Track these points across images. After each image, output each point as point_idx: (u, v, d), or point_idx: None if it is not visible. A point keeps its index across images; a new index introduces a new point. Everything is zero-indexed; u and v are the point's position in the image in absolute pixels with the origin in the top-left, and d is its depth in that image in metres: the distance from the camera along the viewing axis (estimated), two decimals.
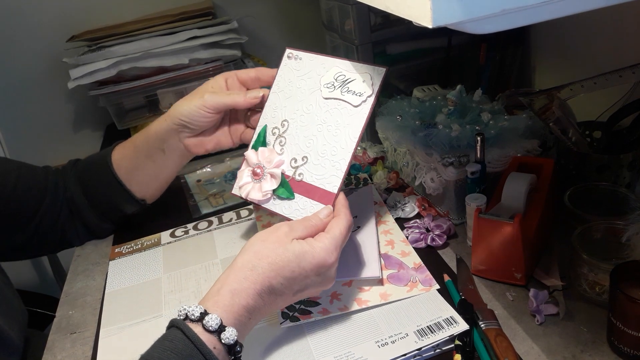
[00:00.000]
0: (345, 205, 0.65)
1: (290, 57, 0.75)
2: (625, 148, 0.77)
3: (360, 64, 0.68)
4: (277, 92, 0.75)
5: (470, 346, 0.59)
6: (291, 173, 0.70)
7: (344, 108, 0.68)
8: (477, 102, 0.89)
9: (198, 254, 0.83)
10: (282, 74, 0.75)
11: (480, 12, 0.37)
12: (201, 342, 0.51)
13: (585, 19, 0.91)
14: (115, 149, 0.85)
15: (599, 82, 0.78)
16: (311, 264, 0.58)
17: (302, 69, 0.73)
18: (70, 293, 0.81)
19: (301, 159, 0.70)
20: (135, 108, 1.26)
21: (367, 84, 0.67)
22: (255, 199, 0.71)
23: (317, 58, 0.73)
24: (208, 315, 0.53)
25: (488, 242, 0.67)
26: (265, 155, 0.72)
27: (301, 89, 0.72)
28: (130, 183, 0.84)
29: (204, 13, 1.24)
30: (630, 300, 0.53)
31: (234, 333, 0.53)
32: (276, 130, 0.73)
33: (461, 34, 0.53)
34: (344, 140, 0.67)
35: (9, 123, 1.35)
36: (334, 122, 0.68)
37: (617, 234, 0.65)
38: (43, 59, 1.32)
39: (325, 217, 0.64)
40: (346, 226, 0.62)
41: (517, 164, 0.76)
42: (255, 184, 0.72)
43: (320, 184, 0.67)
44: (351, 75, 0.69)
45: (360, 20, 0.96)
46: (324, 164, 0.68)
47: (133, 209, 0.86)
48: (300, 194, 0.69)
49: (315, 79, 0.72)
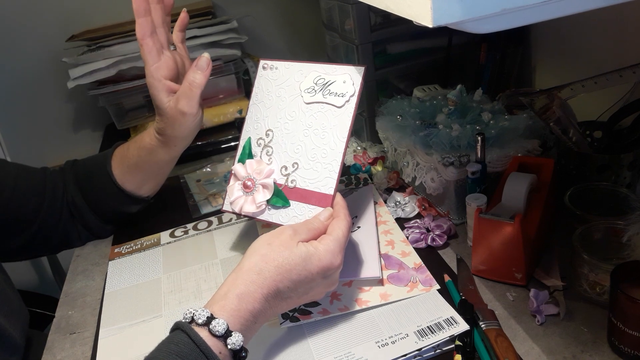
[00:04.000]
0: (344, 205, 0.65)
1: (266, 67, 0.75)
2: (625, 148, 0.77)
3: (338, 66, 0.69)
4: (257, 103, 0.75)
5: (470, 346, 0.59)
6: (283, 181, 0.70)
7: (328, 110, 0.68)
8: (477, 102, 0.89)
9: (198, 254, 0.83)
10: (260, 85, 0.75)
11: (481, 12, 0.37)
12: (207, 347, 0.51)
13: (586, 18, 0.91)
14: (115, 158, 0.85)
15: (600, 81, 0.78)
16: (317, 267, 0.58)
17: (279, 77, 0.73)
18: (69, 293, 0.81)
19: (291, 166, 0.70)
20: (135, 108, 1.26)
21: (347, 84, 0.67)
22: (250, 212, 0.71)
23: (293, 65, 0.73)
24: (215, 320, 0.52)
25: (488, 242, 0.67)
26: (254, 167, 0.72)
27: (281, 97, 0.73)
28: (132, 185, 0.84)
29: (203, 13, 1.24)
30: (630, 300, 0.53)
31: (240, 338, 0.52)
32: (261, 141, 0.73)
33: (461, 33, 0.53)
34: (333, 141, 0.67)
35: (8, 123, 1.35)
36: (320, 125, 0.68)
37: (617, 234, 0.65)
38: (43, 59, 1.32)
39: (326, 219, 0.64)
40: (347, 227, 0.62)
41: (517, 164, 0.76)
42: (247, 197, 0.71)
43: (315, 187, 0.67)
44: (330, 78, 0.69)
45: (360, 19, 0.95)
46: (316, 167, 0.68)
47: (137, 207, 0.87)
48: (295, 200, 0.68)
49: (294, 86, 0.72)
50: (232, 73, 1.23)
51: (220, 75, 1.23)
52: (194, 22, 1.21)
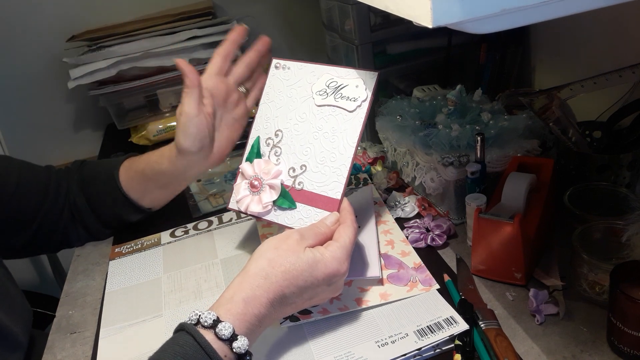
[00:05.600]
0: (351, 211, 0.64)
1: (278, 67, 0.74)
2: (625, 148, 0.77)
3: (351, 70, 0.68)
4: (267, 102, 0.74)
5: (470, 346, 0.59)
6: (290, 182, 0.69)
7: (339, 114, 0.67)
8: (477, 102, 0.89)
9: (198, 254, 0.83)
10: (271, 84, 0.75)
11: (480, 12, 0.37)
12: (213, 350, 0.51)
13: (585, 19, 0.91)
14: (124, 165, 0.84)
15: (599, 82, 0.78)
16: (324, 274, 0.58)
17: (291, 78, 0.73)
18: (70, 293, 0.81)
19: (299, 168, 0.69)
20: (135, 108, 1.26)
21: (360, 89, 0.66)
22: (255, 211, 0.70)
23: (306, 66, 0.72)
24: (221, 323, 0.52)
25: (488, 242, 0.67)
26: (261, 167, 0.71)
27: (292, 98, 0.72)
28: (138, 196, 0.83)
29: (203, 13, 1.24)
30: (630, 300, 0.53)
31: (245, 342, 0.52)
32: (270, 141, 0.73)
33: (461, 33, 0.53)
34: (343, 146, 0.66)
35: (9, 123, 1.35)
36: (330, 128, 0.68)
37: (617, 234, 0.65)
38: (43, 59, 1.32)
39: (332, 224, 0.63)
40: (354, 233, 0.62)
41: (517, 164, 0.76)
42: (254, 197, 0.71)
43: (322, 191, 0.67)
44: (343, 82, 0.68)
45: (360, 20, 0.96)
46: (324, 171, 0.67)
47: (138, 217, 0.87)
48: (302, 203, 0.68)
49: (306, 87, 0.71)
50: None
51: None
52: (194, 22, 1.21)
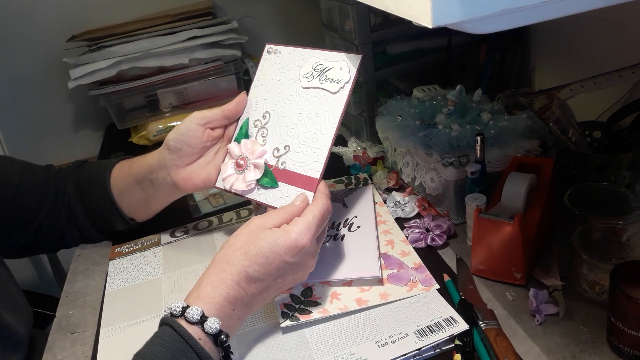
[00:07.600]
0: (324, 191, 0.65)
1: (270, 51, 0.76)
2: (625, 148, 0.77)
3: (337, 53, 0.70)
4: (258, 86, 0.76)
5: (470, 346, 0.59)
6: (274, 162, 0.71)
7: (323, 96, 0.69)
8: (477, 102, 0.89)
9: (198, 254, 0.83)
10: (263, 69, 0.77)
11: (480, 12, 0.37)
12: (188, 334, 0.53)
13: (586, 19, 0.91)
14: (116, 166, 0.84)
15: (599, 82, 0.78)
16: (284, 248, 0.59)
17: (281, 62, 0.75)
18: (70, 293, 0.81)
19: (283, 148, 0.71)
20: (135, 108, 1.26)
21: (344, 71, 0.68)
22: (239, 189, 0.72)
23: (296, 50, 0.74)
24: (189, 308, 0.55)
25: (488, 242, 0.67)
26: (247, 147, 0.73)
27: (281, 81, 0.74)
28: (122, 202, 0.83)
29: (204, 13, 1.24)
30: (630, 300, 0.53)
31: (216, 322, 0.55)
32: (258, 122, 0.74)
33: (461, 34, 0.53)
34: (324, 126, 0.68)
35: (9, 123, 1.35)
36: (314, 109, 0.69)
37: (617, 234, 0.66)
38: (43, 59, 1.32)
39: (300, 202, 0.65)
40: (321, 210, 0.63)
41: (517, 164, 0.76)
42: (239, 176, 0.73)
43: (302, 170, 0.68)
44: (329, 64, 0.70)
45: (360, 20, 0.96)
46: (306, 151, 0.69)
47: (122, 226, 0.86)
48: (283, 182, 0.69)
49: (294, 71, 0.73)
50: (233, 73, 1.24)
51: (220, 76, 1.23)
52: (194, 22, 1.21)
